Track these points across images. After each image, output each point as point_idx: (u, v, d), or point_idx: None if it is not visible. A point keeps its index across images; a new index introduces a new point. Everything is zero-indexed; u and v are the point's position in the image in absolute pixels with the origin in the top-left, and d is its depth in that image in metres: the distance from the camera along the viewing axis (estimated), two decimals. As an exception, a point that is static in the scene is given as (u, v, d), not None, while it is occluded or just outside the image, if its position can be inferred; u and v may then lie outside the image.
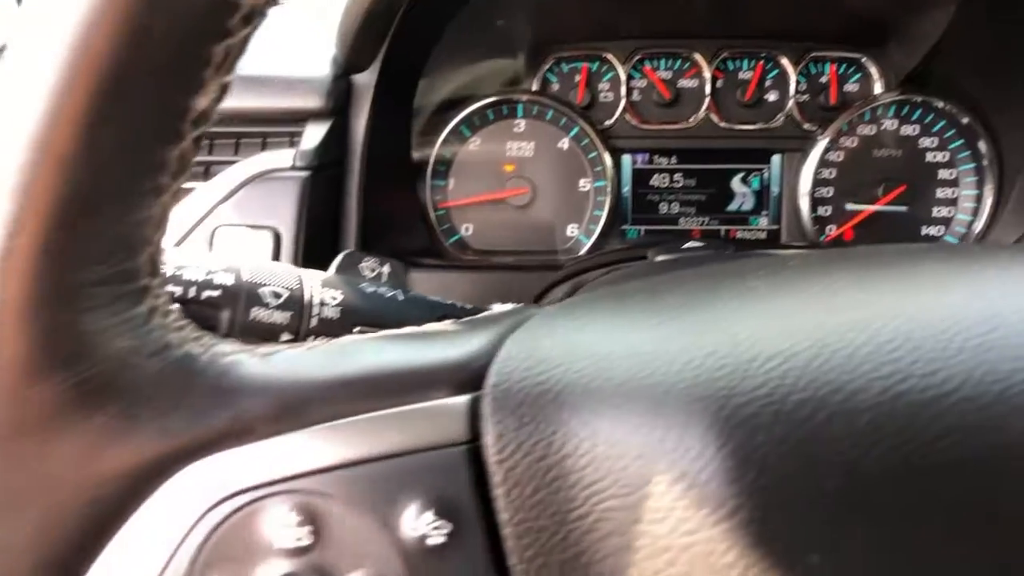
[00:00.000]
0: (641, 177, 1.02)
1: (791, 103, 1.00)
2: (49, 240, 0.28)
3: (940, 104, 0.97)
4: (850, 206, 0.99)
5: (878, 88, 0.99)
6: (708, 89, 1.00)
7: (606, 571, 0.29)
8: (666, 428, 0.29)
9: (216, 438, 0.30)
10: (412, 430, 0.31)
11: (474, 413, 0.31)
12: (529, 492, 0.30)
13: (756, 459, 0.27)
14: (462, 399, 0.32)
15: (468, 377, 0.33)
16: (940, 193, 0.99)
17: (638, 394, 0.30)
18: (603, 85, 1.01)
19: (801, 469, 0.27)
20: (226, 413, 0.30)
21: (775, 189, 1.01)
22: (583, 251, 1.00)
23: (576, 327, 0.34)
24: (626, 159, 1.01)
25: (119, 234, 0.29)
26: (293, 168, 0.78)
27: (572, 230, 1.01)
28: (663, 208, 1.02)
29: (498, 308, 0.47)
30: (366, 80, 0.85)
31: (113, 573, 0.29)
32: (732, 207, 1.01)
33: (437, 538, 0.30)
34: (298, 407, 0.31)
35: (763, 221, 1.02)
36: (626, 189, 1.02)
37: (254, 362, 0.32)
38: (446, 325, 0.37)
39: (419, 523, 0.30)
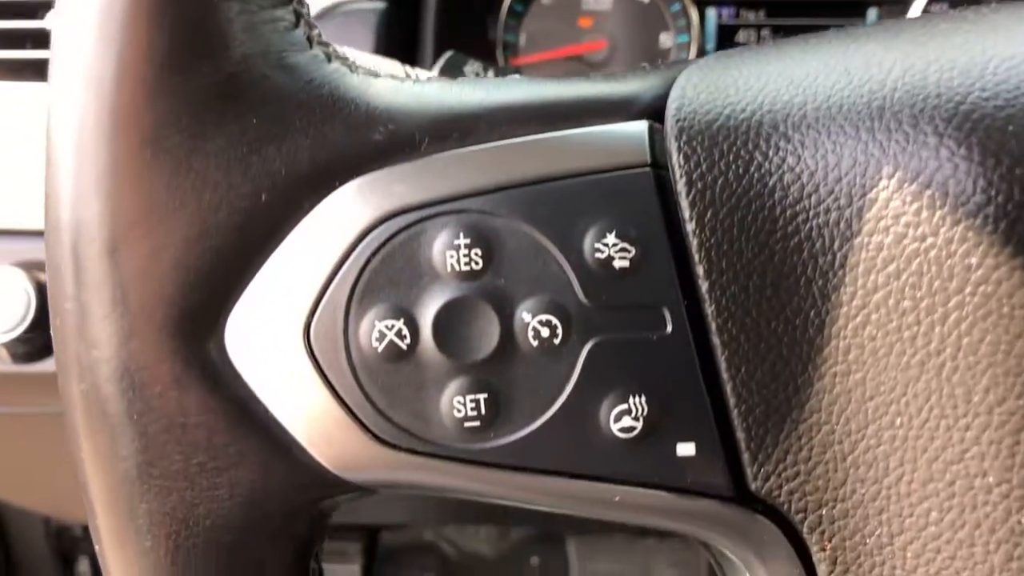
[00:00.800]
0: (726, 34, 0.96)
1: (892, -53, 0.93)
2: None
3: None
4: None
5: (987, -69, 0.92)
6: (802, -66, 0.93)
7: (815, 293, 0.26)
8: (891, 130, 0.25)
9: (375, 152, 0.27)
10: (589, 151, 0.28)
11: (655, 138, 0.28)
12: (724, 214, 0.27)
13: (1008, 150, 0.24)
14: (641, 123, 0.29)
15: (644, 106, 0.30)
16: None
17: (851, 103, 0.26)
18: (688, -70, 0.95)
19: None
20: (385, 127, 0.28)
21: (868, 45, 0.95)
22: (662, 111, 0.96)
23: (761, 58, 0.31)
24: (711, 13, 0.96)
25: None
26: None
27: (650, 89, 0.97)
28: (747, 66, 0.97)
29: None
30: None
31: (268, 296, 0.27)
32: (821, 65, 0.96)
33: (620, 262, 0.27)
34: (464, 124, 0.28)
35: (853, 81, 0.96)
36: (710, 46, 0.96)
37: (408, 84, 0.29)
38: (603, 74, 0.34)
39: (600, 245, 0.27)
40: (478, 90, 0.29)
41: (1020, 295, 0.23)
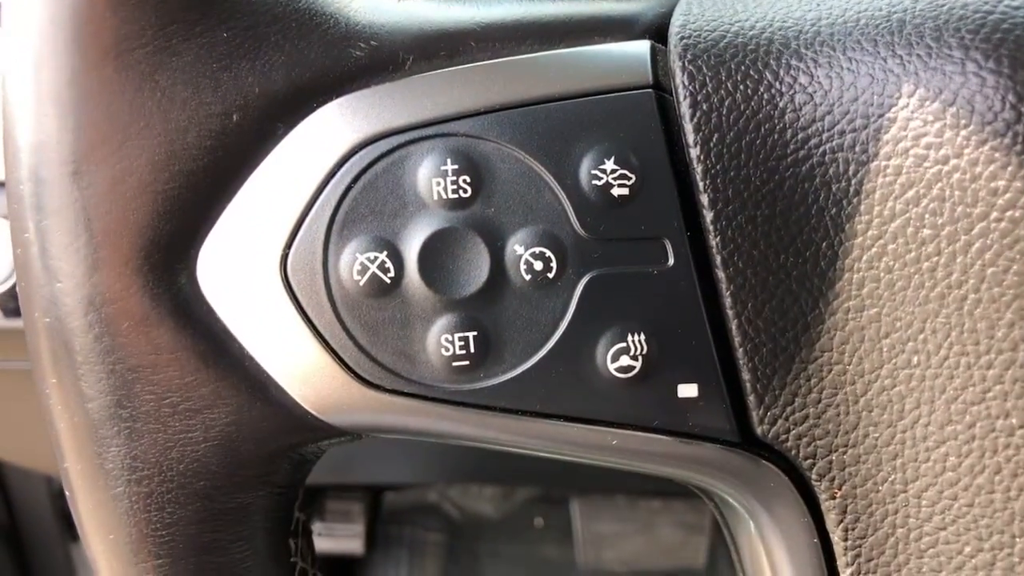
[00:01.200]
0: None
1: None
2: None
3: None
4: None
5: None
6: None
7: (827, 223, 0.24)
8: (912, 44, 0.23)
9: (356, 71, 0.26)
10: (587, 71, 0.26)
11: (657, 58, 0.26)
12: (731, 138, 0.25)
13: None
14: (643, 42, 0.27)
15: (647, 25, 0.28)
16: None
17: (869, 16, 0.24)
18: None
19: None
20: (367, 44, 0.26)
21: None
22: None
23: None
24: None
25: None
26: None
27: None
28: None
29: None
30: None
31: (242, 226, 0.25)
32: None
33: (619, 190, 0.25)
34: (452, 42, 0.26)
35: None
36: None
37: (393, 2, 0.27)
38: None
39: (598, 172, 0.25)
40: (469, 6, 0.27)
41: None
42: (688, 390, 0.25)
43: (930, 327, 0.23)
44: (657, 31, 0.27)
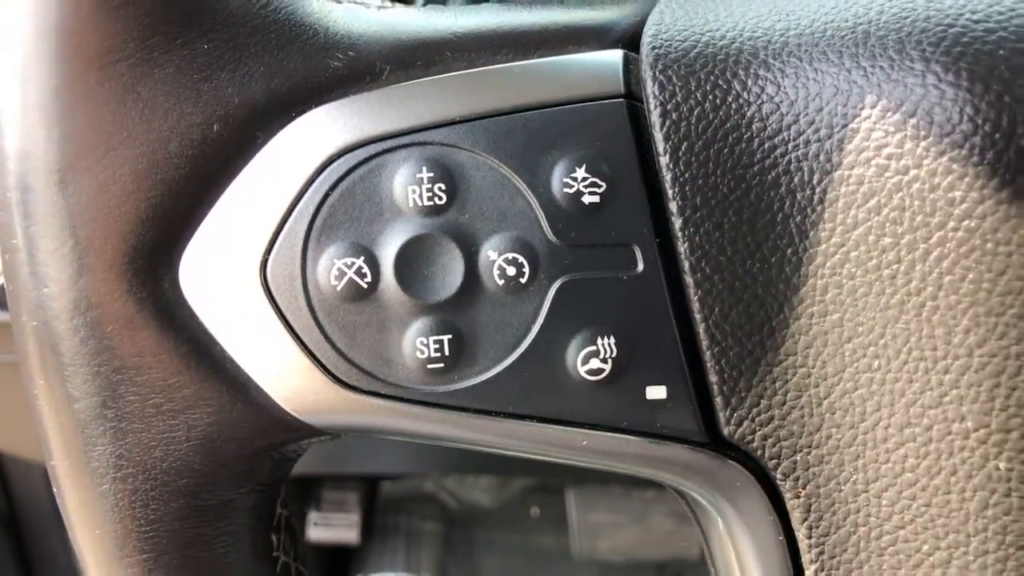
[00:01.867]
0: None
1: None
2: None
3: None
4: None
5: None
6: None
7: (792, 230, 0.25)
8: (875, 56, 0.24)
9: (334, 81, 0.26)
10: (560, 80, 0.27)
11: (630, 67, 0.27)
12: (699, 147, 0.25)
13: (998, 76, 0.22)
14: (616, 52, 0.27)
15: (620, 34, 0.28)
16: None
17: (835, 28, 0.25)
18: None
19: None
20: (345, 54, 0.26)
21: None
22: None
23: None
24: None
25: None
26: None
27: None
28: None
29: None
30: None
31: (223, 232, 0.26)
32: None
33: (590, 197, 0.26)
34: (428, 52, 0.27)
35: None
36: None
37: (372, 12, 0.28)
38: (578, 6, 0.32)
39: (569, 180, 0.26)
40: (445, 16, 0.28)
41: (1005, 230, 0.22)
42: (656, 392, 0.26)
43: (890, 332, 0.24)
44: (631, 40, 0.28)
